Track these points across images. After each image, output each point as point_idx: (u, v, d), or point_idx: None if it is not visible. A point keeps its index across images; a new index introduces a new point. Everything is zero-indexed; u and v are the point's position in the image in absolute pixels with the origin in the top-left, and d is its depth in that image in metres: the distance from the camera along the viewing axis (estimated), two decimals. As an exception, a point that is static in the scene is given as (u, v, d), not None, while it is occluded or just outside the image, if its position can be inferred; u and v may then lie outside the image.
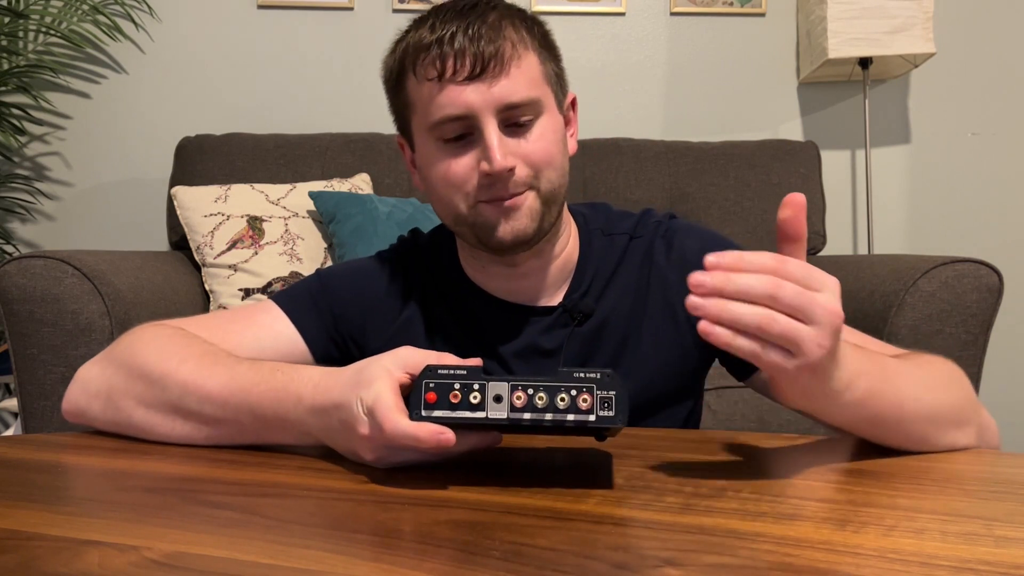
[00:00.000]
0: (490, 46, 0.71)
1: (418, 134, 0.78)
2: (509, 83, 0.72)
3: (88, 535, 0.45)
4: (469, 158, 0.74)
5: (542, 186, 0.75)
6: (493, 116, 0.72)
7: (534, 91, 0.74)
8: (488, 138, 0.72)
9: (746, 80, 2.43)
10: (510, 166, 0.72)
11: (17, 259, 1.45)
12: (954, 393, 0.66)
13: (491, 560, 0.41)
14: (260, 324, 0.81)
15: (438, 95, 0.73)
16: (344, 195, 1.92)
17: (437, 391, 0.52)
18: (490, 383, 0.52)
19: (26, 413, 1.48)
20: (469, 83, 0.72)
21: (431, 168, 0.77)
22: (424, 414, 0.52)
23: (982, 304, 1.46)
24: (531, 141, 0.74)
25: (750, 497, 0.51)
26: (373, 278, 0.86)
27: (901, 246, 2.44)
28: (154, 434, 0.67)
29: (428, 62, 0.72)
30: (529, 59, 0.75)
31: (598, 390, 0.51)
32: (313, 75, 2.39)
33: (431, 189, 0.79)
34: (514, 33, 0.74)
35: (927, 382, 0.65)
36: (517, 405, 0.52)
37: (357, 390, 0.56)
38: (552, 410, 0.51)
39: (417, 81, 0.74)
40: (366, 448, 0.57)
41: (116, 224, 2.37)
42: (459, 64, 0.71)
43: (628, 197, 2.10)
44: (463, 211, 0.76)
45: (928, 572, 0.39)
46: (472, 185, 0.74)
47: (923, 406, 0.62)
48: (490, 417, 0.52)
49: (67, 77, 2.36)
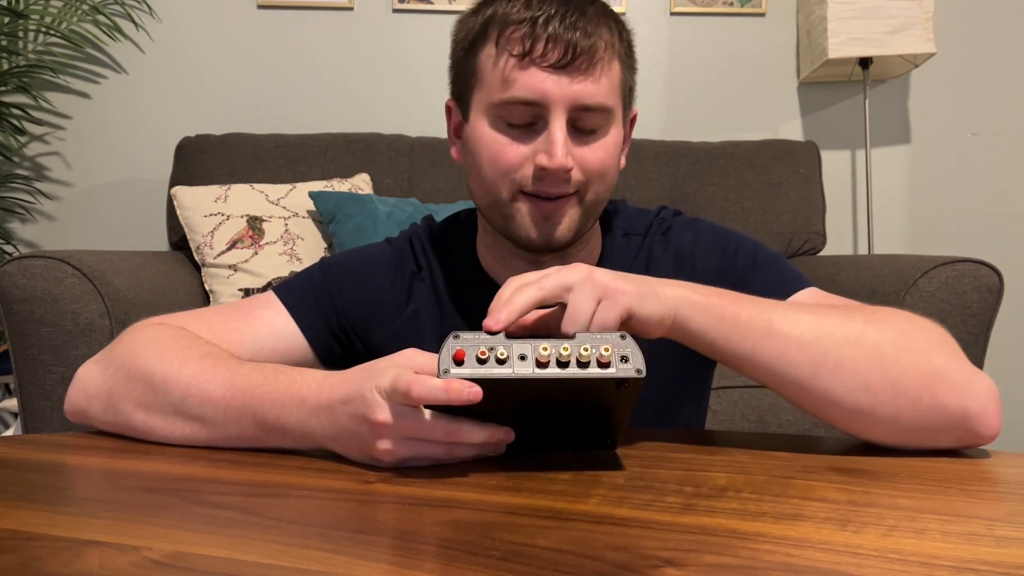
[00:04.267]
0: (585, 40, 0.69)
1: (477, 106, 0.74)
2: (592, 84, 0.70)
3: (88, 535, 0.45)
4: (527, 147, 0.72)
5: (588, 196, 0.74)
6: (565, 112, 0.70)
7: (611, 99, 0.72)
8: (554, 132, 0.70)
9: (746, 80, 2.43)
10: (569, 166, 0.71)
11: (17, 259, 1.45)
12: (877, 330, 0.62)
13: (491, 560, 0.41)
14: (260, 321, 0.79)
15: (517, 74, 0.70)
16: (344, 195, 1.92)
17: (465, 348, 0.53)
18: (515, 343, 0.53)
19: (26, 413, 1.48)
20: (553, 71, 0.69)
21: (483, 144, 0.74)
22: (453, 371, 0.52)
23: (982, 304, 1.46)
24: (593, 149, 0.72)
25: (750, 497, 0.51)
26: (379, 269, 0.84)
27: (901, 246, 2.43)
28: (154, 436, 0.66)
29: (517, 37, 0.70)
30: (614, 66, 0.73)
31: (616, 348, 0.53)
32: (313, 75, 2.39)
33: (475, 166, 0.75)
34: (608, 34, 0.72)
35: (822, 312, 0.63)
36: (542, 361, 0.53)
37: (370, 381, 0.56)
38: (576, 364, 0.53)
39: (497, 52, 0.71)
40: (380, 439, 0.55)
41: (116, 224, 2.37)
42: (549, 48, 0.69)
43: (628, 197, 2.09)
44: (503, 197, 0.73)
45: (929, 572, 0.39)
46: (522, 175, 0.72)
47: (804, 327, 0.61)
48: (517, 372, 0.52)
49: (67, 77, 2.36)
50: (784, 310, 0.63)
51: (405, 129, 2.24)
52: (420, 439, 0.56)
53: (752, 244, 0.82)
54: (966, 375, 0.61)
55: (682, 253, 0.82)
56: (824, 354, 0.61)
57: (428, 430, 0.55)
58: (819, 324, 0.62)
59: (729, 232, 0.84)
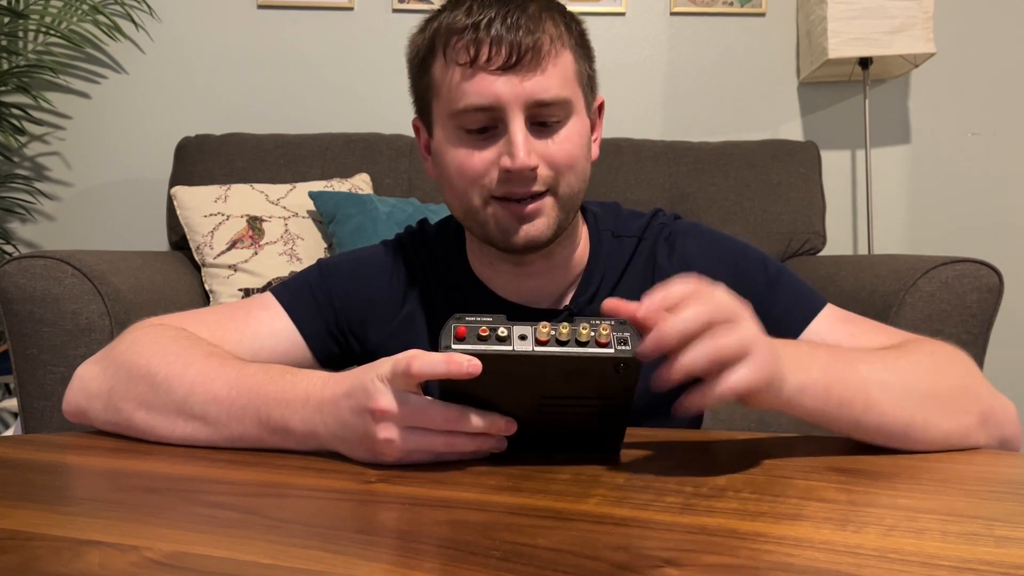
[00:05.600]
0: (528, 37, 0.69)
1: (438, 120, 0.75)
2: (542, 79, 0.70)
3: (88, 535, 0.45)
4: (490, 152, 0.72)
5: (561, 190, 0.74)
6: (521, 111, 0.70)
7: (566, 91, 0.72)
8: (513, 134, 0.70)
9: (746, 80, 2.43)
10: (533, 165, 0.71)
11: (17, 259, 1.45)
12: (942, 379, 0.65)
13: (491, 560, 0.41)
14: (259, 321, 0.79)
15: (467, 82, 0.70)
16: (344, 195, 1.92)
17: (467, 326, 0.54)
18: (515, 324, 0.54)
19: (26, 413, 1.48)
20: (501, 74, 0.69)
21: (448, 157, 0.74)
22: (455, 347, 0.53)
23: (982, 304, 1.46)
24: (557, 142, 0.73)
25: (750, 497, 0.51)
26: (376, 270, 0.84)
27: (901, 246, 2.43)
28: (154, 436, 0.66)
29: (461, 46, 0.70)
30: (565, 57, 0.73)
31: (614, 331, 0.54)
32: (313, 75, 2.39)
33: (445, 178, 0.76)
34: (553, 28, 0.72)
35: (901, 368, 0.64)
36: (541, 339, 0.53)
37: (371, 372, 0.56)
38: (574, 343, 0.54)
39: (445, 64, 0.72)
40: (382, 428, 0.55)
41: (116, 224, 2.37)
42: (494, 52, 0.69)
43: (628, 197, 2.10)
44: (476, 205, 0.74)
45: (928, 572, 0.39)
46: (490, 179, 0.72)
47: (894, 393, 0.62)
48: (516, 350, 0.53)
49: (67, 77, 2.36)
50: (877, 373, 0.63)
51: (405, 129, 2.23)
52: (420, 427, 0.56)
53: (759, 256, 0.83)
54: (1003, 407, 0.67)
55: (689, 264, 0.82)
56: (912, 416, 0.62)
57: (429, 416, 0.55)
58: (903, 385, 0.63)
59: (733, 243, 0.84)
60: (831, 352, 0.64)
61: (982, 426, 0.65)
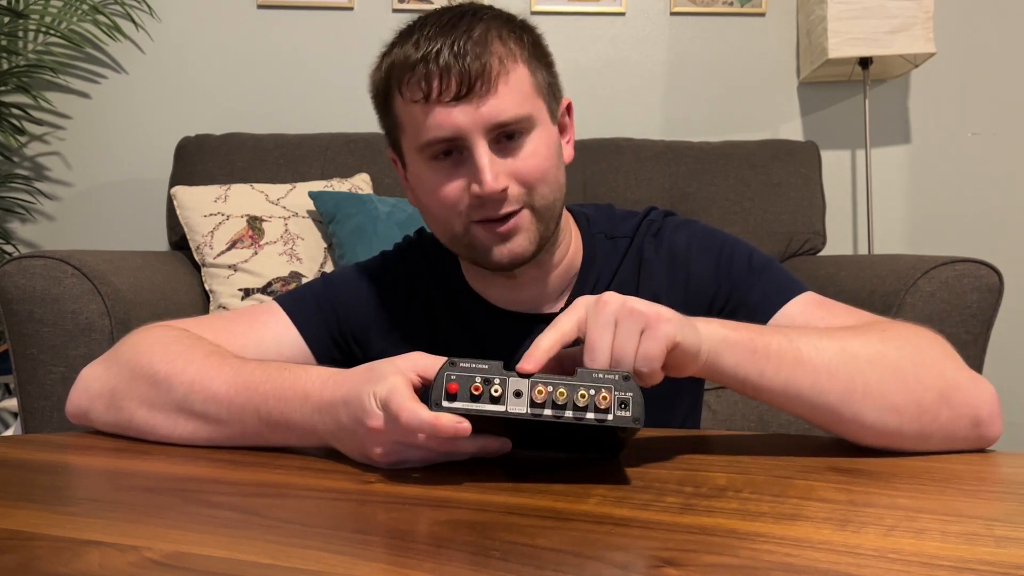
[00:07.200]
0: (476, 63, 0.69)
1: (408, 153, 0.76)
2: (498, 101, 0.70)
3: (88, 535, 0.45)
4: (460, 179, 0.72)
5: (536, 203, 0.74)
6: (483, 136, 0.71)
7: (524, 107, 0.72)
8: (479, 160, 0.70)
9: (746, 80, 2.43)
10: (501, 187, 0.71)
11: (17, 259, 1.45)
12: (897, 350, 0.63)
13: (491, 560, 0.41)
14: (263, 326, 0.80)
15: (426, 117, 0.71)
16: (344, 195, 1.92)
17: (459, 382, 0.52)
18: (511, 378, 0.53)
19: (26, 413, 1.48)
20: (456, 103, 0.70)
21: (423, 188, 0.76)
22: (445, 404, 0.52)
23: (982, 304, 1.46)
24: (522, 159, 0.73)
25: (750, 497, 0.51)
26: (377, 280, 0.86)
27: (901, 246, 2.43)
28: (155, 435, 0.67)
29: (414, 83, 0.71)
30: (518, 72, 0.72)
31: (616, 391, 0.52)
32: (313, 75, 2.38)
33: (425, 208, 0.77)
34: (501, 47, 0.72)
35: (846, 336, 0.64)
36: (537, 400, 0.52)
37: (369, 385, 0.56)
38: (572, 407, 0.52)
39: (403, 101, 0.73)
40: (375, 443, 0.56)
41: (116, 224, 2.37)
42: (444, 84, 0.69)
43: (628, 197, 2.10)
44: (458, 231, 0.75)
45: (928, 572, 0.39)
46: (465, 205, 0.73)
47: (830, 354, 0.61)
48: (510, 411, 0.52)
49: (67, 77, 2.36)
50: (809, 338, 0.63)
51: (405, 129, 2.24)
52: (415, 445, 0.56)
53: (746, 248, 0.83)
54: (974, 383, 0.64)
55: (675, 255, 0.82)
56: (852, 379, 0.61)
57: (419, 440, 0.55)
58: (843, 349, 0.62)
59: (723, 235, 0.84)
60: (761, 326, 0.64)
61: (944, 403, 0.61)
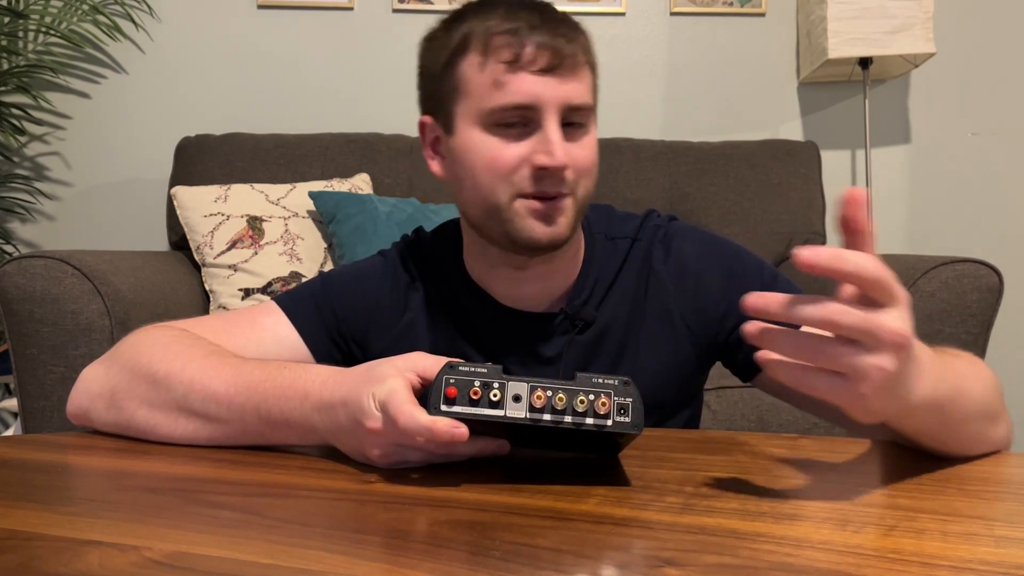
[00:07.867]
0: (568, 46, 0.73)
1: (465, 117, 0.75)
2: (578, 85, 0.73)
3: (88, 535, 0.45)
4: (523, 147, 0.73)
5: (579, 192, 0.76)
6: (557, 113, 0.73)
7: (591, 98, 0.76)
8: (551, 133, 0.72)
9: (746, 80, 2.43)
10: (568, 164, 0.73)
11: (17, 259, 1.45)
12: (989, 386, 0.65)
13: (491, 560, 0.41)
14: (262, 327, 0.80)
15: (508, 79, 0.72)
16: (344, 195, 1.92)
17: (458, 386, 0.52)
18: (510, 382, 0.52)
19: (26, 413, 1.48)
20: (542, 75, 0.72)
21: (475, 153, 0.75)
22: (443, 408, 0.52)
23: (982, 304, 1.46)
24: (582, 147, 0.75)
25: (750, 497, 0.51)
26: (376, 280, 0.86)
27: (901, 246, 2.43)
28: (156, 435, 0.67)
29: (504, 45, 0.72)
30: (587, 69, 0.76)
31: (616, 396, 0.52)
32: (313, 75, 2.38)
33: (467, 176, 0.76)
34: (584, 41, 0.76)
35: (976, 378, 0.63)
36: (536, 405, 0.52)
37: (368, 386, 0.56)
38: (571, 412, 0.52)
39: (482, 62, 0.73)
40: (373, 444, 0.56)
41: (116, 224, 2.37)
42: (537, 54, 0.72)
43: (628, 197, 2.10)
44: (502, 201, 0.74)
45: (928, 572, 0.39)
46: (520, 176, 0.73)
47: (978, 403, 0.60)
48: (508, 416, 0.52)
49: (67, 77, 2.36)
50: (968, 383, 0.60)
51: (405, 129, 2.24)
52: (414, 447, 0.56)
53: (756, 263, 0.83)
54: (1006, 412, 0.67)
55: (685, 267, 0.82)
56: (980, 432, 0.62)
57: (417, 443, 0.55)
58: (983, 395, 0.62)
59: (729, 246, 0.85)
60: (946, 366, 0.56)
61: (1009, 432, 0.66)
